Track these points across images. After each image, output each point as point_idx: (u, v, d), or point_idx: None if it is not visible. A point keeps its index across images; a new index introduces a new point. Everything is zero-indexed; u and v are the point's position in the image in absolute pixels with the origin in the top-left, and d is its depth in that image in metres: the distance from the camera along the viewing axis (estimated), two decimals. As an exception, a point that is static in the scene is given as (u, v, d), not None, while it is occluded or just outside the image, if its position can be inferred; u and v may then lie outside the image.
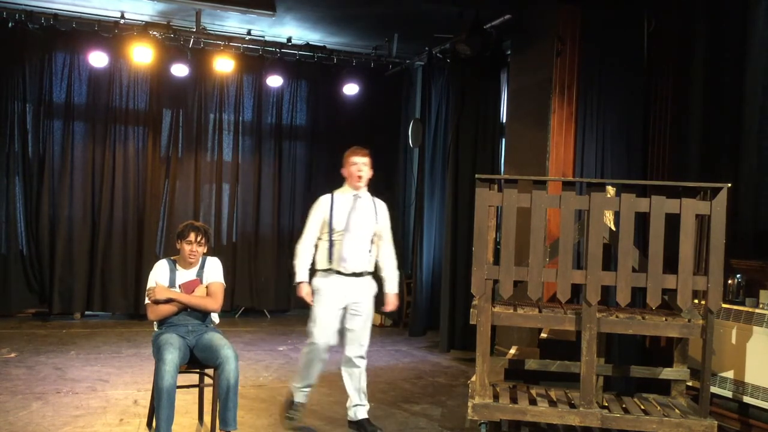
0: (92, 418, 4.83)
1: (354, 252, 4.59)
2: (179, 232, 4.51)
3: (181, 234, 4.48)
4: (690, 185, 4.37)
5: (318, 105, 9.74)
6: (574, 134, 6.27)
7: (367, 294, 4.71)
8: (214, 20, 8.27)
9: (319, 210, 4.68)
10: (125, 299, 8.76)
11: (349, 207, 4.63)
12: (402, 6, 7.43)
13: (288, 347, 7.48)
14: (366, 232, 4.65)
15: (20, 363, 6.24)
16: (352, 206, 4.64)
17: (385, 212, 4.79)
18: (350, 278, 4.61)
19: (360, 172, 4.65)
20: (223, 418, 4.19)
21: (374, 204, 4.75)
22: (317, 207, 4.70)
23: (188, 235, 4.45)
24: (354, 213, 4.62)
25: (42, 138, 8.50)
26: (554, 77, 6.33)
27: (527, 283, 4.41)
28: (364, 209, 4.67)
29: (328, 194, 4.73)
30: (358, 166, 4.65)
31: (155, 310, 4.39)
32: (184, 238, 4.46)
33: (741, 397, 4.81)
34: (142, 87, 8.90)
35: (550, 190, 4.73)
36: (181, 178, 9.12)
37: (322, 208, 4.68)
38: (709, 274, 4.22)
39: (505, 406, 4.39)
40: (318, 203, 4.72)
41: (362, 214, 4.65)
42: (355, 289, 4.64)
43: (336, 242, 4.60)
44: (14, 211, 8.39)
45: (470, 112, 7.82)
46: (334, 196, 4.70)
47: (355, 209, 4.64)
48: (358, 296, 4.66)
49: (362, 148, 4.74)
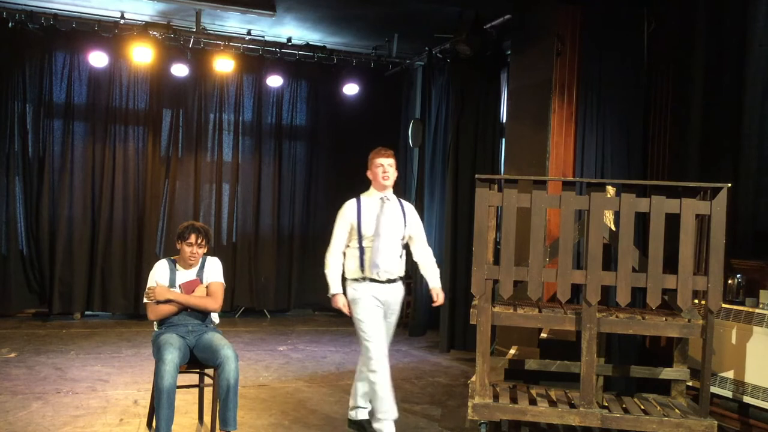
0: (92, 418, 4.83)
1: (386, 257, 4.42)
2: (180, 233, 4.50)
3: (182, 235, 4.48)
4: (690, 185, 4.36)
5: (318, 105, 9.74)
6: (574, 134, 6.27)
7: (400, 298, 4.62)
8: (214, 20, 8.28)
9: (346, 216, 4.50)
10: (125, 299, 8.76)
11: (377, 211, 4.45)
12: (402, 6, 7.43)
13: (288, 347, 7.49)
14: (396, 236, 4.48)
15: (20, 363, 6.24)
16: (381, 210, 4.46)
17: (414, 213, 4.66)
18: (385, 285, 4.47)
19: (386, 174, 4.47)
20: (223, 418, 4.19)
21: (401, 206, 4.60)
22: (343, 213, 4.52)
23: (189, 236, 4.45)
24: (383, 217, 4.44)
25: (42, 138, 8.50)
26: (554, 77, 6.33)
27: (527, 283, 4.41)
28: (392, 212, 4.49)
29: (353, 199, 4.55)
30: (384, 167, 4.47)
31: (155, 310, 4.39)
32: (185, 239, 4.46)
33: (741, 397, 4.81)
34: (142, 87, 8.90)
35: (550, 190, 4.73)
36: (181, 178, 9.12)
37: (348, 213, 4.50)
38: (709, 274, 4.22)
39: (505, 406, 4.39)
40: (343, 209, 4.54)
41: (391, 218, 4.47)
42: (390, 295, 4.52)
43: (366, 249, 4.43)
44: (14, 211, 8.40)
45: (470, 112, 7.82)
46: (361, 200, 4.53)
47: (384, 213, 4.46)
48: (393, 303, 4.56)
49: (387, 149, 4.55)
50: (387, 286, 4.48)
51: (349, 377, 6.27)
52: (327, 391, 5.77)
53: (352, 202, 4.54)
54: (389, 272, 4.45)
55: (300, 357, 7.04)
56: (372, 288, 4.45)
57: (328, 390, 5.79)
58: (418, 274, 8.36)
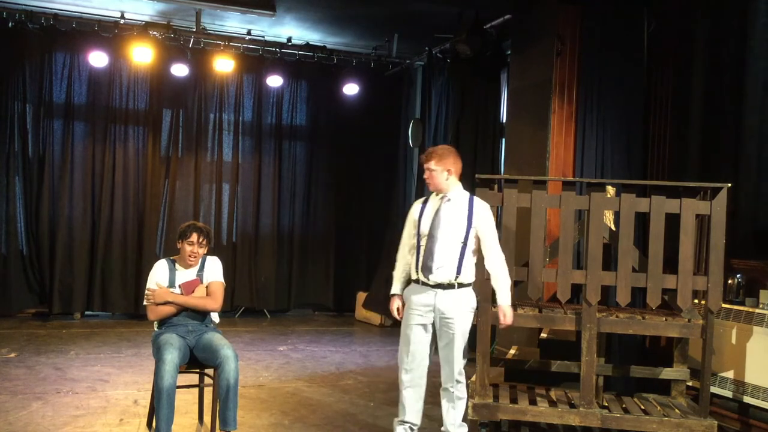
0: (92, 418, 4.83)
1: (438, 260, 4.14)
2: (181, 232, 4.49)
3: (183, 234, 4.47)
4: (690, 185, 4.37)
5: (318, 105, 9.74)
6: (574, 134, 6.27)
7: (458, 308, 4.15)
8: (214, 20, 8.28)
9: (411, 212, 4.35)
10: (125, 299, 8.76)
11: (435, 209, 4.23)
12: (402, 6, 7.43)
13: (288, 347, 7.48)
14: (453, 237, 4.15)
15: (20, 363, 6.24)
16: (438, 208, 4.22)
17: (483, 213, 4.20)
18: (435, 290, 4.15)
19: (426, 177, 4.30)
20: (223, 418, 4.18)
21: (470, 205, 4.22)
22: (411, 209, 4.38)
23: (190, 235, 4.44)
24: (438, 216, 4.19)
25: (42, 138, 8.50)
26: (554, 77, 6.33)
27: (527, 283, 4.41)
28: (452, 212, 4.19)
29: (423, 197, 4.40)
30: (426, 171, 4.29)
31: (155, 310, 4.39)
32: (186, 238, 4.45)
33: (741, 397, 4.81)
34: (142, 87, 8.90)
35: (550, 190, 4.73)
36: (181, 178, 9.12)
37: (413, 210, 4.35)
38: (709, 274, 4.23)
39: (505, 406, 4.39)
40: (412, 205, 4.42)
41: (449, 217, 4.17)
42: (442, 302, 4.15)
43: (421, 248, 4.19)
44: (14, 211, 8.40)
45: (470, 112, 7.82)
46: (429, 198, 4.34)
47: (441, 211, 4.20)
48: (446, 311, 4.15)
49: (428, 151, 4.32)
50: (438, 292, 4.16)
51: (349, 377, 6.29)
52: (327, 391, 5.77)
53: (420, 200, 4.40)
54: (439, 276, 4.14)
55: (300, 357, 7.04)
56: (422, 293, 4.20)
57: (328, 390, 5.79)
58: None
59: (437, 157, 4.23)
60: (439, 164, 4.21)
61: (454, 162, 4.25)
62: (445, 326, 4.17)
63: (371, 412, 5.23)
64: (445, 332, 4.17)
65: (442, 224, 4.15)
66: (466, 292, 4.19)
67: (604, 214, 4.43)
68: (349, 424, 4.94)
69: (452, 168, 4.23)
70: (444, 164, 4.21)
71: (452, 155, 4.28)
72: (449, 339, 4.16)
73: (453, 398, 4.24)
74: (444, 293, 4.14)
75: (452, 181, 4.25)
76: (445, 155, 4.24)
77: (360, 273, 9.80)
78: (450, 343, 4.16)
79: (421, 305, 4.19)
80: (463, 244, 4.15)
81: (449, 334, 4.15)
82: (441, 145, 4.47)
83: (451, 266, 4.13)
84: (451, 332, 4.15)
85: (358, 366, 6.76)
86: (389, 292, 4.42)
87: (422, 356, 4.24)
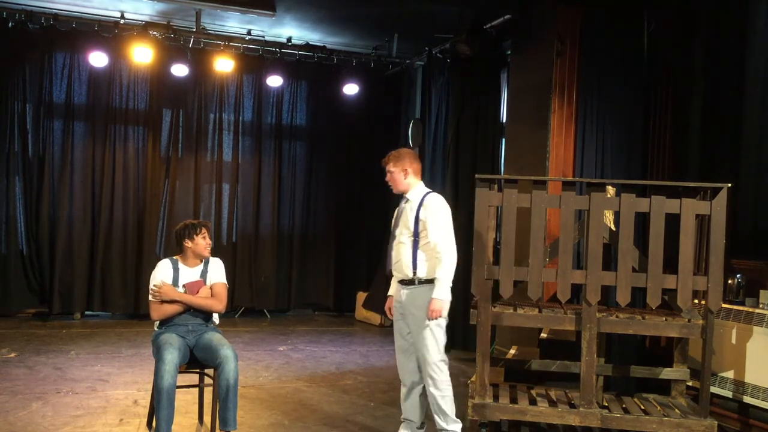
0: (92, 418, 4.83)
1: (396, 257, 4.36)
2: (189, 231, 4.47)
3: (193, 230, 4.47)
4: (690, 185, 4.37)
5: (318, 105, 9.74)
6: (574, 134, 6.27)
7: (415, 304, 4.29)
8: (214, 20, 8.28)
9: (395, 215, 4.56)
10: (125, 299, 8.76)
11: (399, 210, 4.46)
12: (402, 6, 7.43)
13: (288, 347, 7.48)
14: (406, 233, 4.31)
15: (20, 363, 6.24)
16: (401, 209, 4.44)
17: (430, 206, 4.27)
18: (401, 286, 4.38)
19: (387, 179, 4.44)
20: (223, 418, 4.18)
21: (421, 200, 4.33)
22: None
23: (201, 230, 4.48)
24: (399, 216, 4.43)
25: (42, 138, 8.50)
26: (554, 77, 6.33)
27: (527, 283, 4.41)
28: (408, 210, 4.35)
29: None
30: (387, 174, 4.44)
31: (159, 309, 4.38)
32: (198, 233, 4.46)
33: (741, 397, 4.81)
34: (142, 87, 8.90)
35: (550, 190, 4.73)
36: (181, 178, 9.12)
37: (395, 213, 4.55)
38: (709, 274, 4.22)
39: (505, 406, 4.39)
40: None
41: (405, 216, 4.36)
42: (404, 297, 4.34)
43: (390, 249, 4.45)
44: (14, 211, 8.40)
45: (470, 112, 7.81)
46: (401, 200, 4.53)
47: (402, 211, 4.42)
48: (407, 306, 4.33)
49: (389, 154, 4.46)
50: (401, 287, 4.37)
51: (349, 377, 6.29)
52: (327, 391, 5.77)
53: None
54: (399, 273, 4.36)
55: (300, 357, 7.04)
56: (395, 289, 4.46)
57: (328, 390, 5.79)
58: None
59: (394, 159, 4.40)
60: (396, 165, 4.38)
61: (411, 162, 4.40)
62: (408, 320, 4.35)
63: (371, 412, 5.23)
64: (409, 326, 4.35)
65: (400, 223, 4.37)
66: (425, 287, 4.25)
67: (604, 214, 4.43)
68: (349, 424, 4.94)
69: (409, 168, 4.38)
70: (401, 165, 4.38)
71: (408, 156, 4.45)
72: (413, 333, 4.31)
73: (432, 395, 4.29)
74: (405, 289, 4.33)
75: (411, 181, 4.41)
76: (401, 156, 4.42)
77: (360, 273, 9.80)
78: (415, 337, 4.30)
79: (396, 302, 4.43)
80: (414, 239, 4.28)
81: (412, 328, 4.32)
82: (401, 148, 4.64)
83: (406, 262, 4.29)
84: (413, 326, 4.31)
85: (358, 366, 6.76)
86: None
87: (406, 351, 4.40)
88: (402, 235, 4.33)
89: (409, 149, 4.68)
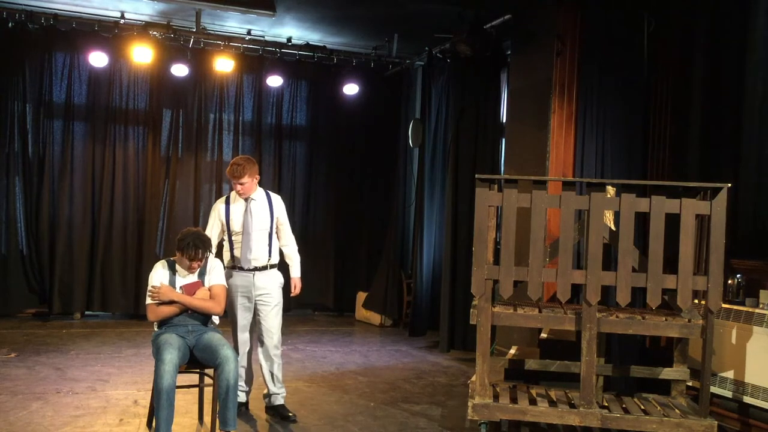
0: (92, 418, 4.83)
1: (255, 249, 4.91)
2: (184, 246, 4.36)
3: (186, 247, 4.35)
4: (690, 185, 4.37)
5: (318, 105, 9.74)
6: (574, 134, 6.27)
7: (272, 284, 5.00)
8: (214, 20, 8.27)
9: (217, 211, 5.02)
10: (125, 299, 8.76)
11: (243, 210, 4.93)
12: (402, 6, 7.43)
13: (288, 347, 7.48)
14: (262, 229, 4.94)
15: (20, 363, 6.24)
16: (246, 209, 4.92)
17: (280, 205, 5.07)
18: (253, 272, 4.93)
19: (240, 190, 4.89)
20: (223, 418, 4.19)
21: (269, 200, 5.02)
22: (215, 207, 5.07)
23: (193, 252, 4.35)
24: (248, 215, 4.91)
25: (42, 138, 8.50)
26: (554, 77, 6.33)
27: (527, 283, 4.41)
28: (258, 209, 4.95)
29: (224, 197, 5.08)
30: (238, 186, 4.87)
31: (156, 311, 4.38)
32: (187, 252, 4.36)
33: (741, 397, 4.81)
34: (142, 87, 8.90)
35: (550, 190, 4.73)
36: (181, 178, 9.12)
37: (218, 209, 5.02)
38: (709, 274, 4.22)
39: (505, 406, 4.39)
40: (216, 204, 5.11)
41: (257, 214, 4.94)
42: (260, 281, 4.95)
43: (236, 243, 4.93)
44: (14, 211, 8.40)
45: (470, 111, 7.81)
46: (230, 199, 5.01)
47: (250, 211, 4.92)
48: (263, 288, 4.96)
49: (233, 168, 4.85)
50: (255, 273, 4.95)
51: (349, 377, 6.29)
52: (327, 391, 5.77)
53: (220, 201, 5.07)
54: (256, 262, 4.94)
55: (300, 357, 7.04)
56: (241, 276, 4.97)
57: (327, 390, 5.79)
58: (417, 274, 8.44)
59: (247, 171, 4.85)
60: (250, 177, 4.89)
61: (256, 169, 4.98)
62: (262, 301, 4.94)
63: (371, 412, 5.23)
64: (263, 306, 4.95)
65: (254, 221, 4.91)
66: (276, 271, 5.03)
67: (604, 214, 4.43)
68: (349, 424, 4.94)
69: (257, 175, 4.99)
70: (252, 175, 4.91)
71: (253, 164, 4.96)
72: (268, 311, 4.94)
73: (273, 365, 4.98)
74: (260, 274, 4.94)
75: (255, 184, 5.00)
76: (250, 167, 4.89)
77: (360, 273, 9.80)
78: (268, 314, 4.94)
79: (243, 287, 4.92)
80: (269, 233, 4.98)
81: (267, 307, 4.94)
82: (239, 156, 5.07)
83: (264, 252, 4.94)
84: (270, 305, 4.95)
85: (358, 366, 6.77)
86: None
87: (246, 328, 5.04)
88: (258, 231, 4.94)
89: (249, 156, 5.19)
